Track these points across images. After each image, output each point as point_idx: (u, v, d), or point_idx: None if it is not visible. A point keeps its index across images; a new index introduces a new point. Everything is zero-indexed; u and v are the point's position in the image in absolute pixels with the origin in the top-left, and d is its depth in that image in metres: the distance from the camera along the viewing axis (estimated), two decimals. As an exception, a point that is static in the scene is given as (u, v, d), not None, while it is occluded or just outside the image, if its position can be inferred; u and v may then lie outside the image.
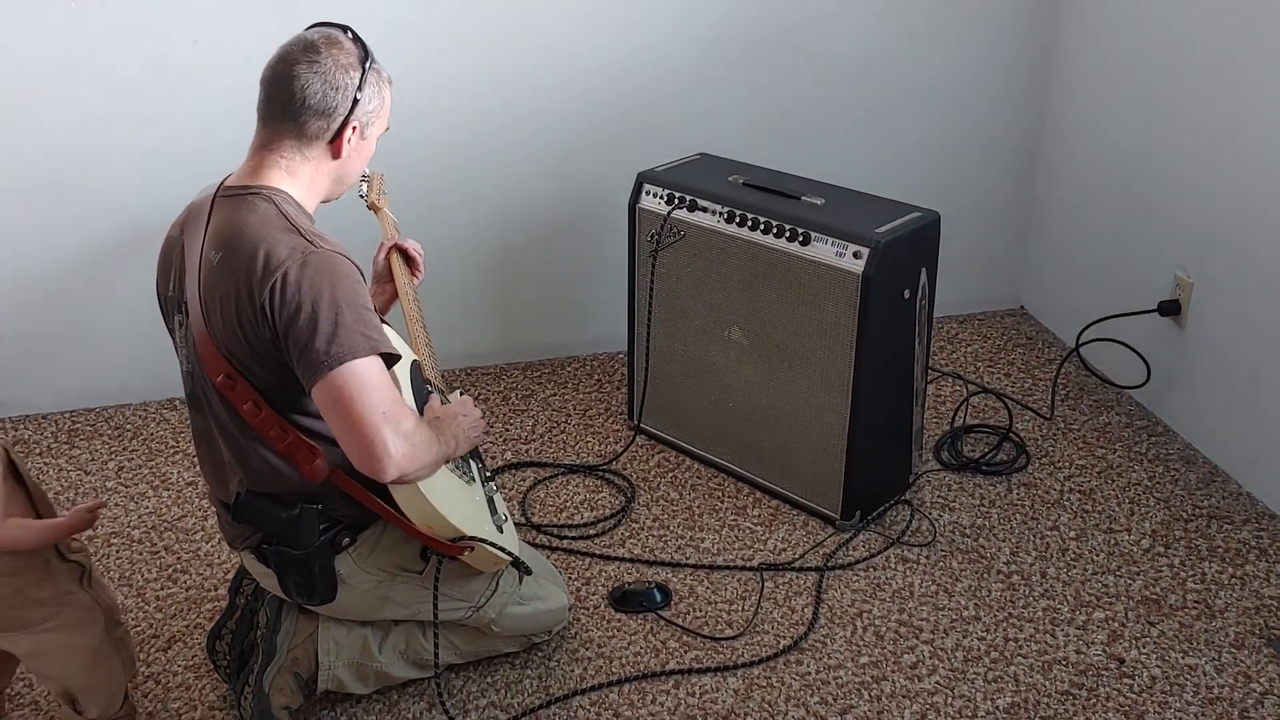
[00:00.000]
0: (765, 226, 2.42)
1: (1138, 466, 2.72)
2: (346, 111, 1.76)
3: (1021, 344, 3.30)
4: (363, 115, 1.79)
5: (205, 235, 1.77)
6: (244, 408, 1.76)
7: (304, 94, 1.73)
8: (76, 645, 1.90)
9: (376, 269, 2.17)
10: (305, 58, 1.73)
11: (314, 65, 1.73)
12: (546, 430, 2.93)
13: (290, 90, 1.73)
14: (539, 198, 3.08)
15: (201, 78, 2.75)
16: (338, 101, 1.75)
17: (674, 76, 3.00)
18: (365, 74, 1.76)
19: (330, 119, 1.75)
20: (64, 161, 2.78)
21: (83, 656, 1.91)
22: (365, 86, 1.77)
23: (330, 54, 1.74)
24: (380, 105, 1.82)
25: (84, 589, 1.91)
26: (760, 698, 2.09)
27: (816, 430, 2.48)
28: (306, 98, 1.73)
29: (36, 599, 1.84)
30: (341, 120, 1.76)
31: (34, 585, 1.84)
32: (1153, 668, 2.14)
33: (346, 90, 1.75)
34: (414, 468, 1.71)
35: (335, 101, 1.74)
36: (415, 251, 2.19)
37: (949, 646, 2.20)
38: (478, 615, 2.04)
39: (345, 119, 1.76)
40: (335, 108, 1.75)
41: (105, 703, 1.97)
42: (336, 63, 1.74)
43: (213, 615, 2.29)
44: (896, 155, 3.21)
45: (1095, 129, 3.05)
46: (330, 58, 1.74)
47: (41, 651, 1.89)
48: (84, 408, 3.05)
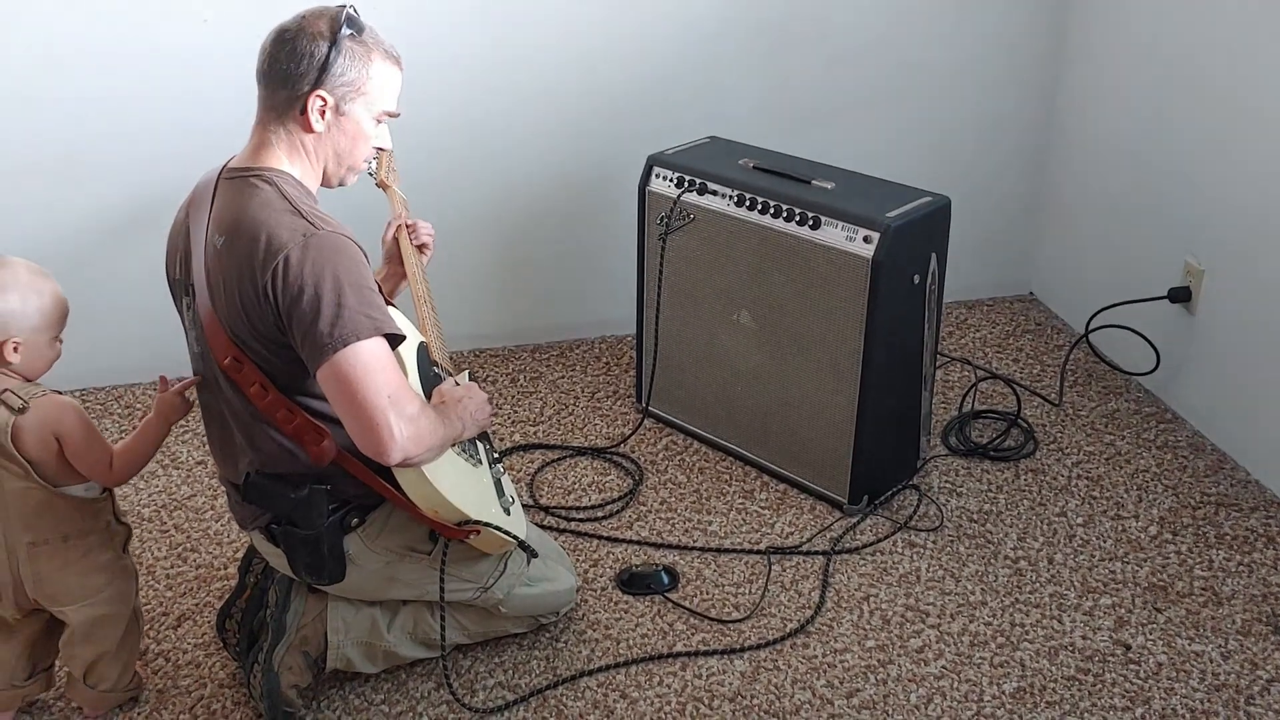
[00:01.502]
0: (775, 210, 2.42)
1: (1146, 453, 2.72)
2: (312, 81, 1.71)
3: (1030, 330, 3.30)
4: (334, 87, 1.73)
5: (209, 219, 1.77)
6: (251, 390, 1.76)
7: (273, 63, 1.72)
8: (121, 614, 1.97)
9: (385, 249, 2.17)
10: (286, 28, 1.73)
11: (287, 34, 1.72)
12: (554, 413, 2.94)
13: (263, 59, 1.73)
14: (548, 180, 3.07)
15: (212, 56, 2.75)
16: (303, 69, 1.71)
17: (684, 59, 2.99)
18: (337, 43, 1.71)
19: (295, 88, 1.72)
20: (73, 139, 2.78)
21: (121, 626, 1.98)
22: (338, 57, 1.71)
23: (306, 24, 1.72)
24: (363, 79, 1.75)
25: (127, 555, 1.98)
26: (767, 680, 2.10)
27: (825, 414, 2.48)
28: (275, 66, 1.72)
29: (100, 564, 1.92)
30: (306, 89, 1.72)
31: (99, 549, 1.92)
32: (1159, 654, 2.14)
33: (312, 59, 1.70)
34: (419, 451, 1.71)
35: (301, 69, 1.71)
36: (425, 233, 2.18)
37: (955, 631, 2.20)
38: (485, 596, 2.04)
39: (310, 89, 1.72)
40: (301, 75, 1.71)
41: (118, 676, 2.01)
42: (307, 32, 1.71)
43: (222, 594, 2.30)
44: (907, 139, 3.20)
45: (1107, 113, 3.04)
46: (305, 27, 1.72)
47: (95, 620, 1.94)
48: (94, 386, 3.06)
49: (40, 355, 1.83)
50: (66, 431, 1.82)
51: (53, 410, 1.81)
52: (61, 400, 1.84)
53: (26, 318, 1.79)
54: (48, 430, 1.80)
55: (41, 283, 1.81)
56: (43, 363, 1.84)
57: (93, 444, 1.85)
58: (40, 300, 1.80)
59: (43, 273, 1.83)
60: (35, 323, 1.80)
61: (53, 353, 1.86)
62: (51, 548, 1.87)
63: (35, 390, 1.82)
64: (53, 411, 1.81)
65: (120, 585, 1.97)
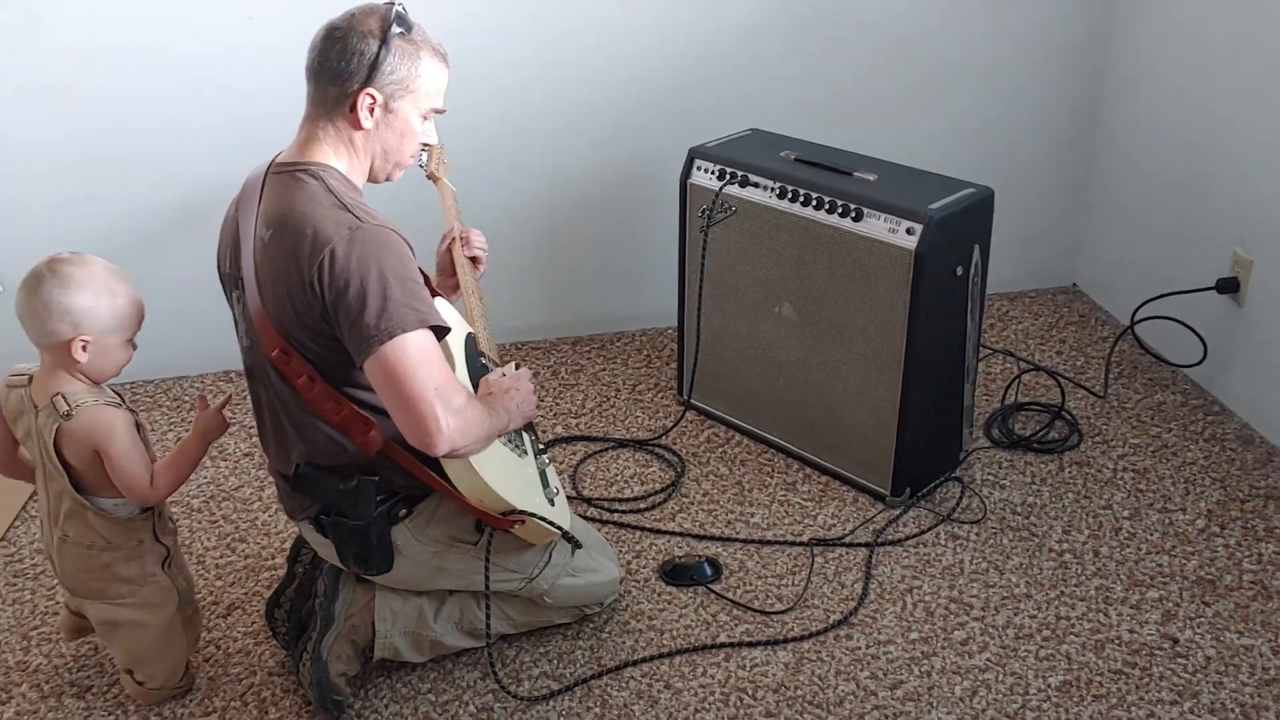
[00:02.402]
0: (817, 202, 2.41)
1: (1193, 446, 2.69)
2: (362, 79, 1.73)
3: (1074, 321, 3.27)
4: (384, 85, 1.74)
5: (258, 213, 1.79)
6: (299, 381, 1.78)
7: (323, 60, 1.73)
8: (148, 624, 1.98)
9: (439, 260, 2.17)
10: (336, 25, 1.74)
11: (337, 31, 1.73)
12: (596, 405, 2.95)
13: (314, 56, 1.75)
14: (590, 174, 3.08)
15: (257, 53, 2.78)
16: (352, 68, 1.72)
17: (726, 51, 2.99)
18: (387, 41, 1.72)
19: (344, 85, 1.74)
20: (123, 136, 2.82)
21: (152, 634, 1.99)
22: (387, 55, 1.73)
23: (356, 22, 1.73)
24: (411, 77, 1.76)
25: (165, 571, 1.99)
26: (810, 671, 2.10)
27: (867, 406, 2.47)
28: (325, 63, 1.73)
29: (122, 576, 1.93)
30: (356, 87, 1.73)
31: (123, 563, 1.93)
32: (1207, 648, 2.12)
33: (362, 56, 1.72)
34: (466, 442, 1.73)
35: (351, 67, 1.72)
36: (479, 247, 2.16)
37: (1000, 624, 2.19)
38: (531, 586, 2.06)
39: (361, 86, 1.73)
40: (351, 73, 1.73)
41: (164, 677, 2.04)
42: (357, 30, 1.72)
43: (270, 583, 2.34)
44: (949, 130, 3.18)
45: (1153, 102, 3.01)
46: (355, 25, 1.73)
47: (114, 622, 1.97)
48: (143, 379, 3.11)
49: (109, 357, 1.84)
50: (107, 446, 1.82)
51: (98, 422, 1.82)
52: (109, 413, 1.84)
53: (98, 317, 1.79)
54: (90, 441, 1.82)
55: (117, 284, 1.81)
56: (112, 365, 1.85)
57: (132, 461, 1.84)
58: (114, 301, 1.80)
59: (120, 274, 1.83)
60: (107, 323, 1.80)
61: (124, 356, 1.86)
62: (77, 549, 1.91)
63: (87, 399, 1.83)
64: (98, 424, 1.82)
65: (149, 596, 1.97)
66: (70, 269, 1.78)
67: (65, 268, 1.78)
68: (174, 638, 2.03)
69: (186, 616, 2.05)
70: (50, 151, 2.80)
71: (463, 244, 2.14)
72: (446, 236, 2.16)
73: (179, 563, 2.04)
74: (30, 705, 2.08)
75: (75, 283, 1.77)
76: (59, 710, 2.07)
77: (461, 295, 2.12)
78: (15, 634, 2.24)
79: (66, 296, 1.76)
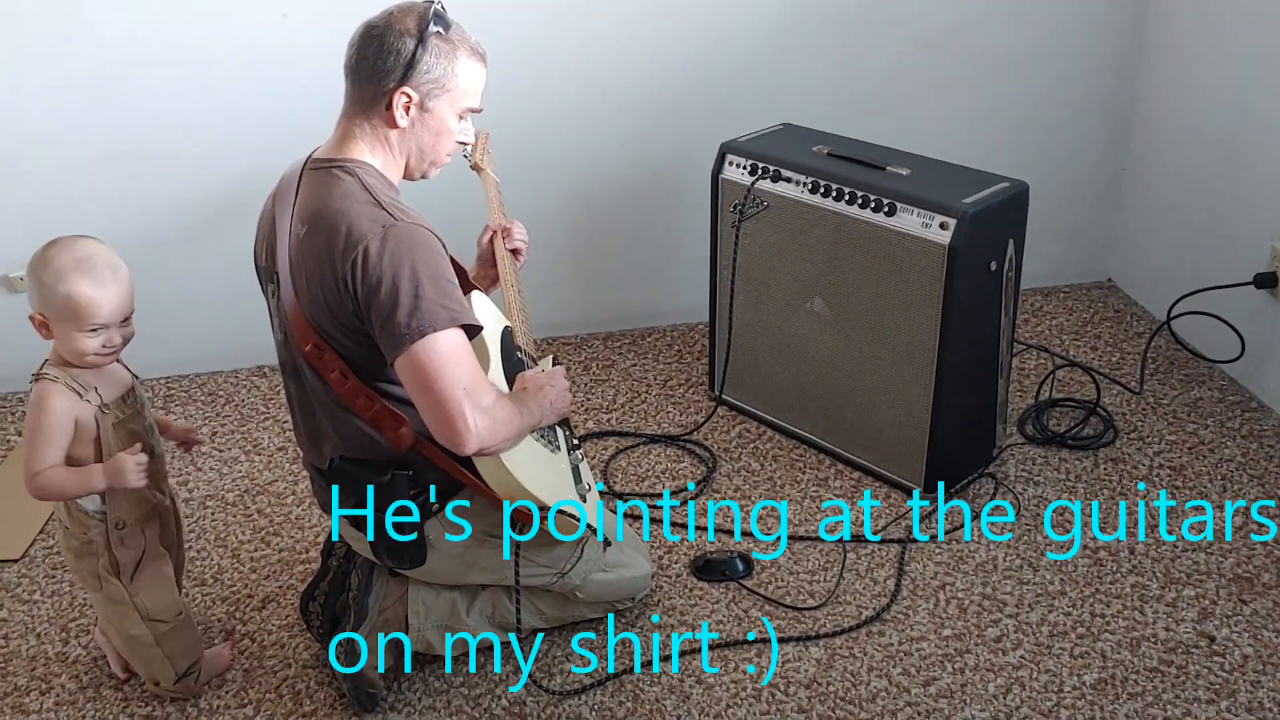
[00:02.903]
0: (850, 197, 2.40)
1: (1230, 442, 2.67)
2: (398, 78, 1.73)
3: (1109, 317, 3.24)
4: (420, 84, 1.75)
5: (293, 209, 1.80)
6: (331, 376, 1.79)
7: (361, 58, 1.74)
8: (115, 622, 2.00)
9: (480, 250, 2.17)
10: (374, 23, 1.75)
11: (375, 30, 1.74)
12: (627, 400, 2.95)
13: (351, 54, 1.76)
14: (621, 168, 3.08)
15: (291, 50, 2.79)
16: (388, 66, 1.73)
17: (757, 46, 2.98)
18: (424, 40, 1.72)
19: (381, 84, 1.74)
20: (157, 131, 2.84)
21: (117, 635, 2.03)
22: (424, 54, 1.73)
23: (395, 20, 1.74)
24: (447, 76, 1.76)
25: (121, 582, 1.96)
26: (843, 668, 2.10)
27: (900, 402, 2.46)
28: (363, 61, 1.74)
29: (90, 569, 1.94)
30: (391, 86, 1.74)
31: (86, 555, 1.93)
32: (1244, 646, 2.10)
33: (399, 55, 1.72)
34: (494, 441, 1.73)
35: (387, 66, 1.73)
36: (520, 238, 2.16)
37: (1034, 621, 2.18)
38: (562, 581, 2.07)
39: (396, 85, 1.74)
40: (387, 72, 1.73)
41: (148, 675, 2.06)
42: (395, 29, 1.73)
43: (304, 577, 2.35)
44: (983, 124, 3.16)
45: (1189, 95, 2.97)
46: (393, 24, 1.73)
47: (97, 610, 2.03)
48: (178, 374, 3.14)
49: (68, 341, 1.79)
50: (29, 417, 1.81)
51: (36, 396, 1.81)
52: (49, 390, 1.80)
53: (48, 302, 1.77)
54: (28, 414, 1.82)
55: (76, 275, 1.75)
56: (72, 350, 1.79)
57: (35, 440, 1.79)
58: (61, 289, 1.75)
59: (87, 265, 1.76)
60: (58, 309, 1.76)
61: (86, 345, 1.79)
62: (58, 524, 1.95)
63: (49, 374, 1.81)
64: (36, 397, 1.81)
65: (107, 596, 1.95)
66: (51, 249, 1.77)
67: (52, 247, 1.77)
68: (141, 648, 2.01)
69: (162, 634, 2.00)
70: (85, 147, 2.83)
71: (504, 236, 2.15)
72: (489, 229, 2.16)
73: (149, 581, 1.98)
74: (69, 696, 2.11)
75: (42, 261, 1.76)
76: (97, 701, 2.09)
77: (500, 288, 2.12)
78: (54, 625, 2.27)
79: (34, 270, 1.76)
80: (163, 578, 2.01)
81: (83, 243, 1.79)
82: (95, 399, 1.84)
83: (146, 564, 1.97)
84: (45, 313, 1.78)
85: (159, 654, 2.02)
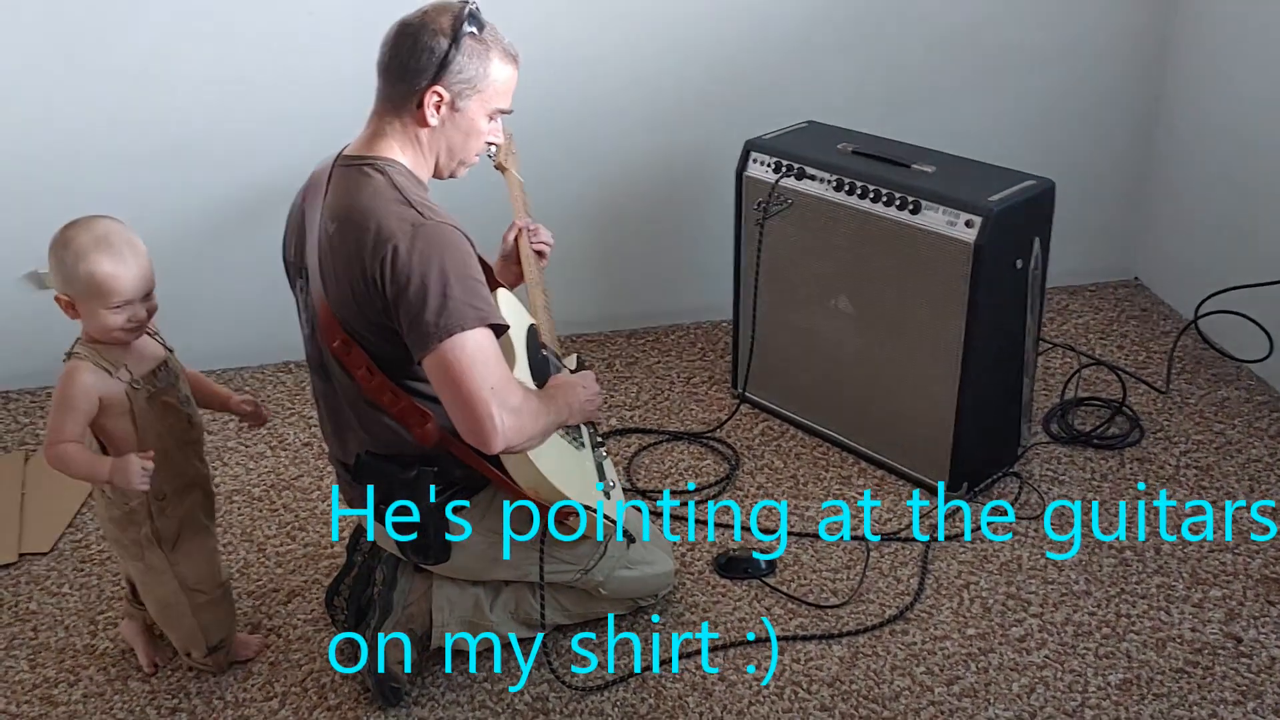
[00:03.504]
0: (875, 195, 2.40)
1: (1258, 442, 2.65)
2: (431, 77, 1.73)
3: (1136, 316, 3.22)
4: (452, 83, 1.75)
5: (324, 205, 1.81)
6: (358, 373, 1.80)
7: (394, 57, 1.74)
8: (153, 590, 2.05)
9: (504, 248, 2.18)
10: (408, 22, 1.75)
11: (409, 28, 1.74)
12: (650, 397, 2.95)
13: (385, 51, 1.76)
14: (645, 166, 3.09)
15: (317, 46, 2.81)
16: (422, 65, 1.73)
17: (782, 44, 2.98)
18: (458, 40, 1.73)
19: (413, 83, 1.74)
20: (184, 128, 2.86)
21: (154, 603, 2.08)
22: (457, 54, 1.73)
23: (429, 19, 1.74)
24: (480, 77, 1.77)
25: (162, 551, 2.00)
26: (865, 666, 2.09)
27: (924, 401, 2.46)
28: (396, 60, 1.74)
29: (131, 538, 2.00)
30: (424, 85, 1.74)
31: (128, 525, 1.98)
32: (1272, 648, 2.08)
33: (433, 54, 1.72)
34: (521, 440, 1.74)
35: (420, 65, 1.73)
36: (545, 242, 2.16)
37: (1058, 620, 2.17)
38: (586, 578, 2.07)
39: (428, 85, 1.74)
40: (420, 71, 1.73)
41: (179, 645, 2.12)
42: (429, 28, 1.73)
43: (330, 571, 2.37)
44: (1008, 121, 3.14)
45: (1217, 92, 2.95)
46: (427, 23, 1.74)
47: (135, 579, 2.08)
48: (204, 370, 3.14)
49: (94, 319, 1.83)
50: (55, 392, 1.86)
51: (64, 372, 1.86)
52: (76, 368, 1.85)
53: (69, 281, 1.80)
54: (56, 390, 1.87)
55: (96, 252, 1.79)
56: (99, 327, 1.83)
57: (58, 413, 1.85)
58: (81, 266, 1.78)
59: (107, 242, 1.80)
60: (77, 288, 1.81)
61: (112, 321, 1.83)
62: (97, 492, 2.00)
63: (78, 352, 1.87)
64: (64, 373, 1.86)
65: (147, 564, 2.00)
66: (69, 230, 1.81)
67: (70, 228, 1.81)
68: (178, 617, 2.06)
69: (199, 604, 2.05)
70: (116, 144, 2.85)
71: (530, 235, 2.15)
72: (514, 227, 2.16)
73: (190, 552, 2.02)
74: (97, 688, 2.13)
75: (62, 242, 1.80)
76: (124, 694, 2.12)
77: (524, 285, 2.13)
78: (83, 618, 2.30)
79: (55, 252, 1.81)
80: (204, 549, 2.06)
81: (99, 222, 1.83)
82: (125, 375, 1.89)
83: (187, 535, 2.02)
84: (69, 293, 1.82)
85: (194, 624, 2.06)
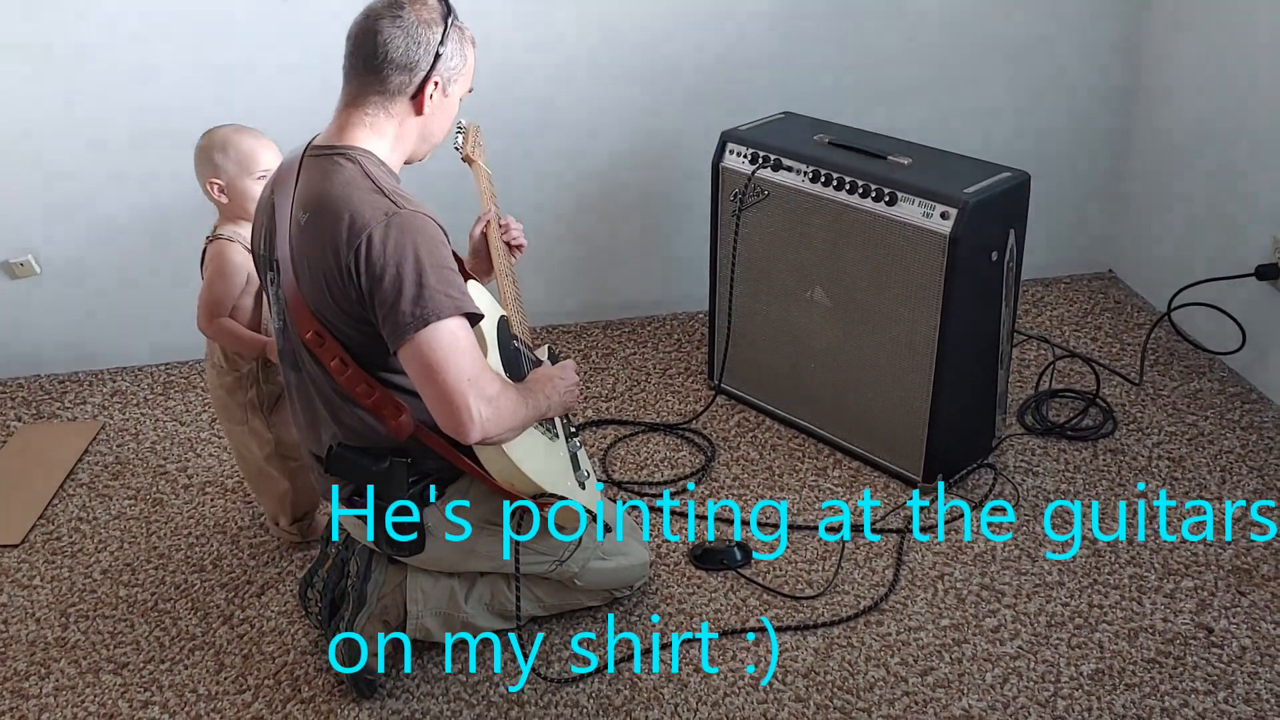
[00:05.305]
0: (851, 186, 2.40)
1: (1230, 434, 2.67)
2: (429, 66, 1.76)
3: (1110, 308, 3.24)
4: (445, 71, 1.79)
5: (294, 196, 1.80)
6: (332, 365, 1.79)
7: (387, 48, 1.74)
8: (246, 455, 2.33)
9: (472, 243, 2.17)
10: (389, 13, 1.75)
11: (397, 20, 1.74)
12: (627, 389, 2.95)
13: (374, 45, 1.75)
14: (621, 157, 3.08)
15: (290, 36, 2.78)
16: (419, 56, 1.75)
17: (759, 34, 2.97)
18: (448, 30, 1.77)
19: (412, 73, 1.76)
20: (159, 116, 2.83)
21: (250, 465, 2.34)
22: (448, 42, 1.77)
23: (413, 10, 1.75)
24: (462, 63, 1.82)
25: (262, 415, 2.26)
26: (840, 657, 2.10)
27: (899, 392, 2.46)
28: (389, 52, 1.74)
29: (239, 402, 2.26)
30: (424, 75, 1.76)
31: (238, 389, 2.25)
32: (1243, 638, 2.10)
33: (429, 45, 1.75)
34: (498, 431, 1.74)
35: (417, 56, 1.75)
36: (520, 243, 2.17)
37: (1032, 611, 2.18)
38: (561, 569, 2.07)
39: (427, 74, 1.77)
40: (417, 62, 1.75)
41: (270, 511, 2.41)
42: (419, 18, 1.75)
43: (303, 563, 2.36)
44: (984, 114, 3.15)
45: (1192, 87, 2.96)
46: (413, 13, 1.75)
47: (232, 444, 2.35)
48: (178, 360, 3.14)
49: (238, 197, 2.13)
50: (208, 272, 2.17)
51: (213, 254, 2.16)
52: (224, 249, 2.15)
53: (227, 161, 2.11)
54: (208, 269, 2.18)
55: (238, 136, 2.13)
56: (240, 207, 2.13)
57: (210, 290, 2.15)
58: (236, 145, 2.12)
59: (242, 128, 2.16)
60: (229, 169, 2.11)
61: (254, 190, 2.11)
62: (208, 363, 2.29)
63: (222, 234, 2.16)
64: (213, 255, 2.16)
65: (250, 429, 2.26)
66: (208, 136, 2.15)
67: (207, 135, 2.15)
68: (267, 480, 2.32)
69: (292, 469, 2.30)
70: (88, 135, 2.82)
71: (501, 229, 2.15)
72: (482, 219, 2.16)
73: (286, 420, 2.24)
74: (68, 680, 2.11)
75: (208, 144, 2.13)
76: (96, 686, 2.10)
77: (494, 278, 2.12)
78: (54, 610, 2.28)
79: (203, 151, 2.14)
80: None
81: (222, 126, 2.16)
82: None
83: (285, 402, 2.18)
84: (219, 178, 2.12)
85: (285, 489, 2.32)
